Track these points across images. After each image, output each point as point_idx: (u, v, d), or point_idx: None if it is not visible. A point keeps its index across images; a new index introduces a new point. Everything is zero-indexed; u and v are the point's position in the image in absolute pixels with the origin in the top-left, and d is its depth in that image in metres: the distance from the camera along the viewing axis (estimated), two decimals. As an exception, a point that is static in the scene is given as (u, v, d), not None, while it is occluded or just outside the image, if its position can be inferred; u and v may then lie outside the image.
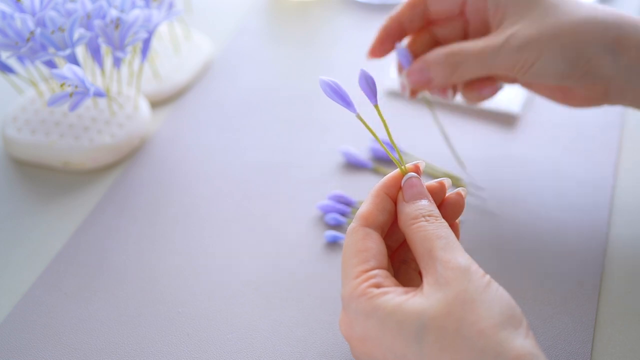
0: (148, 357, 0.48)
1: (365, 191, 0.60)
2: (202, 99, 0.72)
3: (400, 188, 0.44)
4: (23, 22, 0.57)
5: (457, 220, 0.45)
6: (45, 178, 0.63)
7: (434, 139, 0.66)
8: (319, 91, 0.73)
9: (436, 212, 0.42)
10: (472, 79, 0.56)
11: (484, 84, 0.57)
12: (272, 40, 0.82)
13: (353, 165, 0.63)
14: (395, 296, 0.39)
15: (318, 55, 0.79)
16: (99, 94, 0.58)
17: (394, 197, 0.44)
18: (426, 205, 0.42)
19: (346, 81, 0.75)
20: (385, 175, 0.45)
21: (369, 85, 0.43)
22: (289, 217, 0.59)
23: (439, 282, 0.38)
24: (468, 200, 0.59)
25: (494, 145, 0.66)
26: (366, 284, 0.40)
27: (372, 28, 0.83)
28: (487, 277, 0.39)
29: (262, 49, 0.80)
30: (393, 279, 0.41)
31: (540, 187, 0.61)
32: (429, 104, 0.64)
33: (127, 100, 0.66)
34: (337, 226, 0.57)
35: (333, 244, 0.56)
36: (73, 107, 0.57)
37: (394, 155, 0.45)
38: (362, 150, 0.64)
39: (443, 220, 0.42)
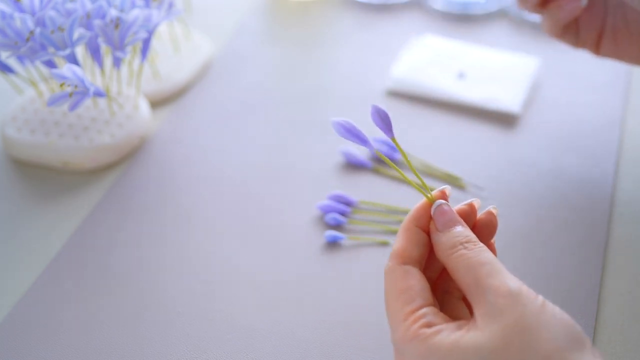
0: (148, 357, 0.48)
1: (366, 191, 0.60)
2: (202, 99, 0.72)
3: (430, 218, 0.42)
4: (22, 21, 0.57)
5: (492, 240, 0.44)
6: (45, 178, 0.63)
7: (433, 139, 0.66)
8: (319, 91, 0.73)
9: (473, 236, 0.40)
10: None
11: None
12: (272, 40, 0.82)
13: (353, 165, 0.63)
14: (450, 333, 0.37)
15: (318, 55, 0.79)
16: (98, 94, 0.58)
17: (425, 228, 0.42)
18: (462, 231, 0.40)
19: (346, 81, 0.76)
20: (384, 175, 0.45)
21: (383, 120, 0.42)
22: (289, 217, 0.59)
23: (492, 313, 0.36)
24: (467, 200, 0.59)
25: (494, 145, 0.66)
26: (417, 325, 0.38)
27: (372, 28, 0.83)
28: (540, 297, 0.37)
29: (262, 49, 0.80)
30: (442, 314, 0.39)
31: (540, 187, 0.61)
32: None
33: (126, 100, 0.66)
34: (337, 226, 0.57)
35: (333, 244, 0.56)
36: (73, 107, 0.57)
37: (417, 184, 0.43)
38: (362, 150, 0.64)
39: (482, 244, 0.40)
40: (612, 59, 0.61)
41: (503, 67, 0.74)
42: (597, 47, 0.60)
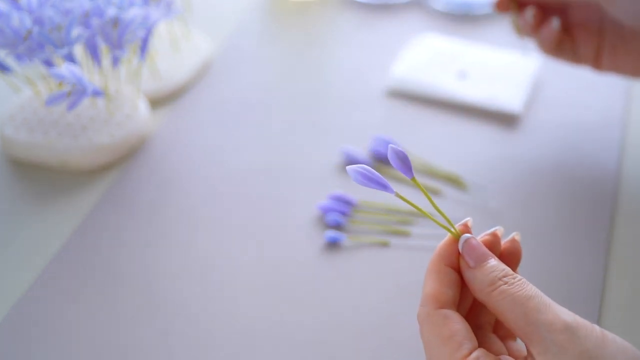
0: (148, 357, 0.48)
1: (366, 191, 0.60)
2: (202, 99, 0.72)
3: (459, 255, 0.40)
4: (20, 20, 0.57)
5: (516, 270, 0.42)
6: (44, 178, 0.62)
7: (434, 138, 0.66)
8: (319, 91, 0.73)
9: (508, 269, 0.38)
10: None
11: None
12: (272, 40, 0.82)
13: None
14: None
15: (318, 55, 0.79)
16: (97, 93, 0.58)
17: (455, 266, 0.40)
18: (496, 265, 0.38)
19: (346, 81, 0.75)
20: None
21: (402, 161, 0.39)
22: (288, 217, 0.58)
23: (552, 350, 0.35)
24: (468, 200, 0.59)
25: (495, 144, 0.65)
26: None
27: (372, 28, 0.83)
28: (597, 327, 0.36)
29: (262, 49, 0.80)
30: (492, 355, 0.37)
31: (541, 186, 0.61)
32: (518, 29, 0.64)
33: (125, 99, 0.66)
34: (337, 226, 0.57)
35: (333, 244, 0.56)
36: (71, 107, 0.56)
37: (442, 222, 0.40)
38: (362, 150, 0.64)
39: (521, 277, 0.38)
40: (614, 74, 0.61)
41: (504, 66, 0.74)
42: (597, 64, 0.61)
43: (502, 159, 0.64)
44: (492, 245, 0.41)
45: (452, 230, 0.40)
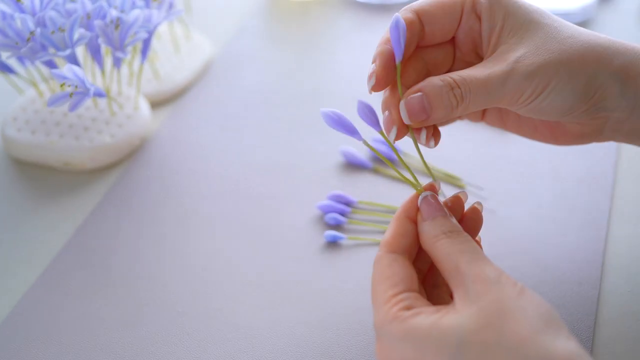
0: (148, 356, 0.48)
1: (366, 191, 0.60)
2: (202, 99, 0.72)
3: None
4: (23, 22, 0.57)
5: (477, 238, 0.44)
6: (46, 178, 0.63)
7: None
8: (319, 91, 0.73)
9: (458, 227, 0.41)
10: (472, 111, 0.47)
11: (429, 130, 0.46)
12: (272, 40, 0.82)
13: (353, 165, 0.63)
14: (428, 315, 0.38)
15: (318, 56, 0.79)
16: (99, 94, 0.58)
17: (415, 219, 0.43)
18: (445, 221, 0.41)
19: (346, 81, 0.76)
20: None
21: (369, 115, 0.43)
22: (289, 217, 0.59)
23: (471, 297, 0.37)
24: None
25: (493, 144, 0.66)
26: (397, 307, 0.39)
27: (372, 28, 0.83)
28: (520, 284, 0.38)
29: (262, 49, 0.80)
30: (424, 300, 0.40)
31: (540, 187, 0.61)
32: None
33: (127, 100, 0.66)
34: (337, 226, 0.57)
35: (333, 243, 0.56)
36: (73, 108, 0.57)
37: (408, 177, 0.44)
38: (362, 150, 0.64)
39: (466, 234, 0.41)
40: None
41: None
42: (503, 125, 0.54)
43: (501, 158, 0.64)
44: (453, 207, 0.44)
45: (418, 187, 0.43)
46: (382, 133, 0.43)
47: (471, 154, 0.64)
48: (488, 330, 0.36)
